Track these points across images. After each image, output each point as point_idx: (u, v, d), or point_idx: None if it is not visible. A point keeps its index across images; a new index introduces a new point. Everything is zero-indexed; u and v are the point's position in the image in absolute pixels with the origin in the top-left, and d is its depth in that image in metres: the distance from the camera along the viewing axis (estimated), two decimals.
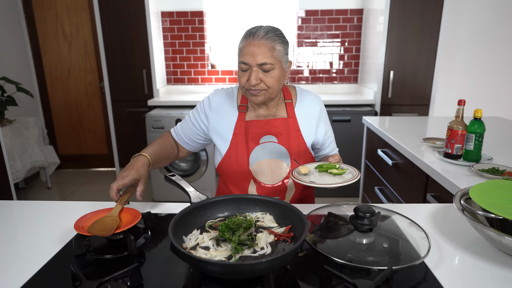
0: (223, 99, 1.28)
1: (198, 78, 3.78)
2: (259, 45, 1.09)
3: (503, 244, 0.78)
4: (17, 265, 0.80)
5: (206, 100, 1.29)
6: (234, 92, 1.29)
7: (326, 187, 0.96)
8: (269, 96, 1.17)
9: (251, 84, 1.11)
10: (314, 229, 0.91)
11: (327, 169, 1.06)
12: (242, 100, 1.26)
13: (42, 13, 3.69)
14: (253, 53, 1.09)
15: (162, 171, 3.14)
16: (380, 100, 3.09)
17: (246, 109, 1.25)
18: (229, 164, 1.24)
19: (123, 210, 0.95)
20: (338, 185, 0.96)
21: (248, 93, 1.16)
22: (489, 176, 1.27)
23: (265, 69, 1.10)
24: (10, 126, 2.99)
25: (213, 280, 0.73)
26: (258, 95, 1.14)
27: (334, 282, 0.68)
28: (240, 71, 1.14)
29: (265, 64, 1.09)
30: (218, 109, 1.26)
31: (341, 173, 1.04)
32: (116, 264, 0.80)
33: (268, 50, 1.09)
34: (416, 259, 0.75)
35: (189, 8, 3.58)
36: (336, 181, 0.99)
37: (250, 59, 1.09)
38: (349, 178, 1.00)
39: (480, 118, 1.39)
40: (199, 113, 1.29)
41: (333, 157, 1.12)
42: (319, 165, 1.09)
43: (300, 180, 0.98)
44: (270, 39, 1.10)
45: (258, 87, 1.12)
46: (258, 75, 1.11)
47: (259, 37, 1.09)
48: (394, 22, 2.91)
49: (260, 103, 1.18)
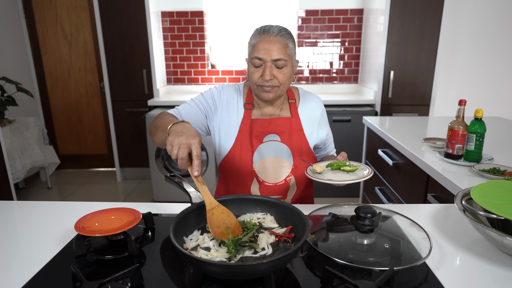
0: (232, 94, 1.27)
1: (198, 78, 3.78)
2: (274, 41, 1.10)
3: (505, 244, 0.78)
4: (17, 266, 0.80)
5: (215, 91, 1.28)
6: (241, 89, 1.29)
7: (347, 183, 0.98)
8: (280, 93, 1.18)
9: (265, 79, 1.12)
10: (315, 230, 0.90)
11: (338, 167, 1.07)
12: (248, 98, 1.26)
13: (42, 13, 3.69)
14: (268, 49, 1.10)
15: (163, 171, 3.14)
16: (380, 100, 3.09)
17: (252, 107, 1.25)
18: (233, 161, 1.24)
19: (123, 211, 0.94)
20: (357, 180, 0.97)
21: (259, 90, 1.16)
22: (490, 177, 1.27)
23: (279, 65, 1.12)
24: (10, 126, 2.98)
25: (214, 281, 0.73)
26: (270, 92, 1.15)
27: (335, 283, 0.68)
28: (253, 67, 1.14)
29: (279, 60, 1.11)
30: (226, 103, 1.26)
31: (354, 170, 1.05)
32: (117, 264, 0.80)
33: (283, 47, 1.11)
34: (417, 260, 0.74)
35: (189, 8, 3.58)
36: (351, 178, 1.00)
37: (265, 55, 1.10)
38: (364, 174, 1.01)
39: (480, 118, 1.39)
40: (206, 100, 1.26)
41: (341, 155, 1.13)
42: (330, 163, 1.10)
43: (318, 179, 0.99)
44: (284, 37, 1.12)
45: (271, 83, 1.13)
46: (272, 71, 1.12)
47: (273, 34, 1.11)
48: (394, 22, 2.91)
49: (271, 99, 1.18)
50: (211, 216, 0.85)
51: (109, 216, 0.91)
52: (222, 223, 0.84)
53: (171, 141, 0.85)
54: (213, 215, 0.85)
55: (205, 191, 0.87)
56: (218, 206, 0.87)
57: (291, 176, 1.25)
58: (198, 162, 0.84)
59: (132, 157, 3.67)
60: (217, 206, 0.87)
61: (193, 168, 0.84)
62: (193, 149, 0.84)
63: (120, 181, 3.75)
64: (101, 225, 0.85)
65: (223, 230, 0.83)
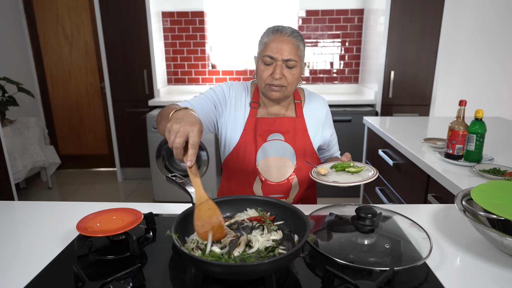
0: (240, 92, 1.28)
1: (199, 78, 3.78)
2: (286, 41, 1.12)
3: (505, 245, 0.78)
4: (18, 266, 0.80)
5: (225, 87, 1.28)
6: (248, 88, 1.30)
7: (351, 185, 0.96)
8: (287, 94, 1.19)
9: (275, 78, 1.13)
10: (316, 230, 0.91)
11: (343, 168, 1.07)
12: (254, 96, 1.27)
13: (43, 13, 3.69)
14: (280, 48, 1.12)
15: (163, 171, 3.14)
16: (380, 100, 3.09)
17: (258, 106, 1.26)
18: (236, 159, 1.25)
19: (125, 211, 0.94)
20: (362, 182, 0.97)
21: (267, 88, 1.17)
22: (490, 177, 1.27)
23: (289, 65, 1.13)
24: (11, 126, 2.99)
25: (215, 281, 0.73)
26: (278, 91, 1.16)
27: (336, 283, 0.69)
28: (263, 64, 1.15)
29: (290, 60, 1.12)
30: (234, 100, 1.27)
31: (358, 171, 1.05)
32: (119, 264, 0.80)
33: (294, 48, 1.13)
34: (417, 260, 0.75)
35: (190, 8, 3.58)
36: (357, 179, 0.99)
37: (277, 54, 1.12)
38: (369, 175, 1.00)
39: (481, 118, 1.39)
40: (217, 94, 1.26)
41: (345, 156, 1.13)
42: (334, 164, 1.09)
43: (323, 181, 0.98)
44: (297, 38, 1.14)
45: (280, 82, 1.14)
46: (282, 70, 1.13)
47: (286, 34, 1.13)
48: (395, 22, 2.91)
49: (278, 99, 1.19)
50: (198, 212, 0.80)
51: (110, 216, 0.91)
52: (207, 222, 0.80)
53: (169, 127, 0.80)
54: (200, 211, 0.80)
55: (197, 183, 0.82)
56: (207, 201, 0.82)
57: (293, 176, 1.25)
58: (193, 151, 0.79)
59: (132, 157, 3.67)
60: (206, 201, 0.82)
61: (187, 157, 0.79)
62: (190, 137, 0.79)
63: (120, 181, 3.75)
64: (103, 225, 0.86)
65: (207, 229, 0.79)
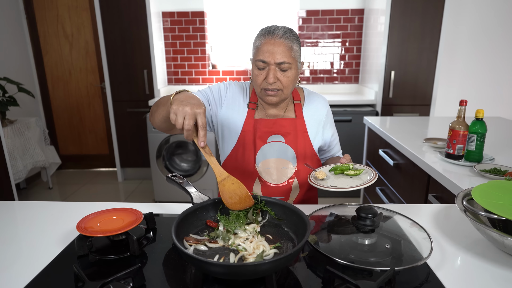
0: (237, 92, 1.26)
1: (199, 78, 3.78)
2: (278, 44, 1.08)
3: (506, 245, 0.78)
4: (19, 266, 0.80)
5: (223, 86, 1.26)
6: (246, 88, 1.28)
7: (349, 190, 0.95)
8: (284, 97, 1.16)
9: (268, 83, 1.10)
10: (316, 230, 0.91)
11: (342, 171, 1.05)
12: (252, 97, 1.25)
13: (43, 13, 3.70)
14: (272, 52, 1.08)
15: (164, 171, 3.14)
16: (381, 100, 3.09)
17: (255, 107, 1.24)
18: (235, 161, 1.24)
19: (125, 211, 0.94)
20: (361, 186, 0.95)
21: (263, 93, 1.15)
22: (491, 177, 1.27)
23: (283, 68, 1.10)
24: (12, 126, 2.99)
25: (215, 281, 0.73)
26: (274, 96, 1.14)
27: (336, 283, 0.68)
28: (257, 69, 1.13)
29: (283, 63, 1.09)
30: (231, 101, 1.25)
31: (357, 174, 1.03)
32: (119, 264, 0.80)
33: (287, 50, 1.09)
34: (418, 260, 0.74)
35: (190, 8, 3.58)
36: (356, 183, 0.97)
37: (269, 58, 1.09)
38: (368, 179, 0.98)
39: (481, 118, 1.39)
40: (213, 93, 1.25)
41: (344, 158, 1.11)
42: (333, 167, 1.07)
43: (321, 186, 0.96)
44: (289, 39, 1.10)
45: (275, 86, 1.12)
46: (276, 74, 1.10)
47: (278, 36, 1.09)
48: (395, 22, 2.91)
49: (275, 103, 1.17)
50: (223, 187, 0.88)
51: (110, 216, 0.91)
52: (234, 194, 0.87)
53: (175, 109, 0.82)
54: (224, 186, 0.88)
55: (214, 162, 0.88)
56: (229, 177, 0.89)
57: (294, 178, 1.24)
58: (203, 132, 0.83)
59: (133, 157, 3.68)
60: (228, 177, 0.89)
61: (199, 139, 0.83)
62: (199, 119, 0.82)
63: (121, 181, 3.76)
64: (103, 225, 0.86)
65: (236, 200, 0.87)
